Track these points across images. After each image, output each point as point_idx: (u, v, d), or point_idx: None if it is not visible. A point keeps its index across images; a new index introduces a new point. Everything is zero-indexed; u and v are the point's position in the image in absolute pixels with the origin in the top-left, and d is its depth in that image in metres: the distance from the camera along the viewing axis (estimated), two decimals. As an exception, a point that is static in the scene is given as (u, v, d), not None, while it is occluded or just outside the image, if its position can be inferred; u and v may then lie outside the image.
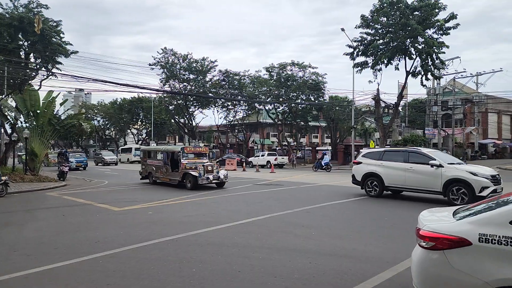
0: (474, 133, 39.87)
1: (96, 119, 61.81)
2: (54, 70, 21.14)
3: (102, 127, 63.99)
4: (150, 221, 8.23)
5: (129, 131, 62.04)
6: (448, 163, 10.32)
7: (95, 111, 61.15)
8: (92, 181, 19.53)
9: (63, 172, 19.51)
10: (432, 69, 26.39)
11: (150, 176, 17.27)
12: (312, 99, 38.01)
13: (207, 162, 15.44)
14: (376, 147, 14.71)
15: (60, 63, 21.47)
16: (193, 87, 42.12)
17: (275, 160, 31.89)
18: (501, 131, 46.70)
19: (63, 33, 20.78)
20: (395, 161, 11.37)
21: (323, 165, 26.90)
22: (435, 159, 10.39)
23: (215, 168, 15.28)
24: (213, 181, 14.74)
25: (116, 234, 6.95)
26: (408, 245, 5.97)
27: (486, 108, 43.40)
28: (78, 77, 18.33)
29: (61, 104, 25.46)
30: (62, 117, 24.77)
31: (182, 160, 15.11)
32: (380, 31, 26.47)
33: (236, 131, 50.34)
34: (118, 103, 56.39)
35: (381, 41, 26.50)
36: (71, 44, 21.33)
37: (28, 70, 20.48)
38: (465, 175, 9.76)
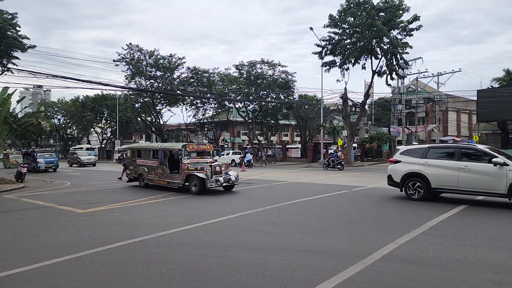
0: (435, 130, 41.80)
1: (56, 117, 58.89)
2: (9, 66, 19.95)
3: (63, 125, 61.09)
4: (116, 222, 7.93)
5: (92, 130, 59.65)
6: None
7: (55, 108, 58.19)
8: (53, 183, 18.60)
9: (21, 173, 18.43)
10: (397, 68, 27.47)
11: (140, 178, 15.17)
12: (282, 98, 38.34)
13: (215, 162, 13.34)
14: (415, 143, 12.69)
15: (16, 58, 20.30)
16: (160, 84, 41.19)
17: (239, 159, 32.04)
18: (460, 128, 49.36)
19: (19, 26, 19.65)
20: (444, 159, 9.89)
21: (245, 162, 28.49)
22: (497, 157, 9.04)
23: (223, 168, 13.08)
24: (224, 184, 12.76)
25: (80, 237, 6.64)
26: (376, 239, 6.13)
27: (446, 107, 45.68)
28: (36, 73, 17.32)
29: (18, 102, 24.04)
30: (19, 115, 23.41)
31: (183, 160, 13.07)
32: (347, 31, 27.16)
33: (206, 129, 49.82)
34: (80, 100, 53.94)
35: (348, 40, 27.19)
36: (28, 38, 20.22)
37: (-20, 65, 19.18)
38: None
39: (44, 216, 9.02)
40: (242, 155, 31.75)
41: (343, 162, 25.69)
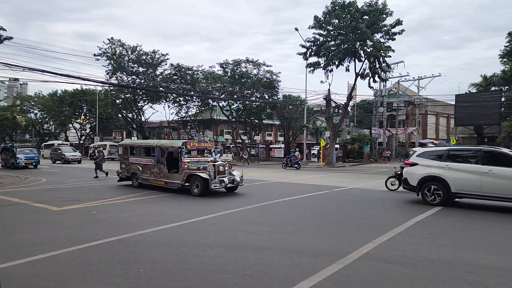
0: (415, 133, 42.89)
1: (32, 111, 57.04)
2: (-16, 57, 19.27)
3: (40, 120, 59.27)
4: (93, 221, 7.76)
5: (71, 125, 58.13)
6: None
7: (32, 103, 56.36)
8: (28, 179, 18.03)
9: (-5, 169, 17.80)
10: (379, 71, 27.98)
11: (133, 177, 14.15)
12: (266, 97, 38.39)
13: (218, 162, 12.44)
14: (430, 145, 11.81)
15: (-8, 49, 19.63)
16: (142, 81, 40.55)
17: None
18: (438, 131, 50.82)
19: (-5, 17, 19.00)
20: (465, 163, 9.42)
21: None
22: None
23: (227, 168, 12.21)
24: (228, 185, 11.85)
25: (55, 235, 6.46)
26: (355, 239, 6.22)
27: (426, 110, 46.89)
28: (12, 65, 16.72)
29: (-7, 95, 23.21)
30: (-5, 109, 22.59)
31: (183, 159, 12.18)
32: (332, 32, 27.46)
33: (189, 127, 49.36)
34: (58, 95, 52.37)
35: (332, 42, 27.52)
36: (4, 29, 19.57)
37: (-47, 55, 18.40)
38: None
39: (18, 214, 8.73)
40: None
41: (300, 162, 27.32)
